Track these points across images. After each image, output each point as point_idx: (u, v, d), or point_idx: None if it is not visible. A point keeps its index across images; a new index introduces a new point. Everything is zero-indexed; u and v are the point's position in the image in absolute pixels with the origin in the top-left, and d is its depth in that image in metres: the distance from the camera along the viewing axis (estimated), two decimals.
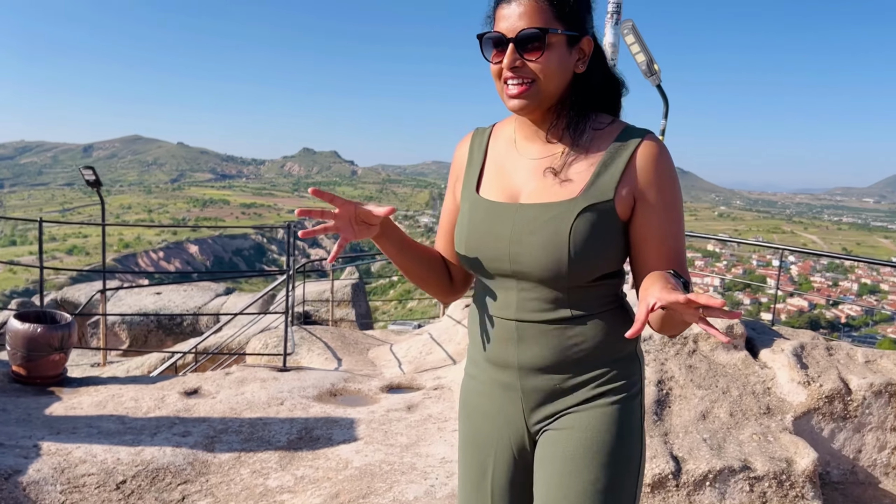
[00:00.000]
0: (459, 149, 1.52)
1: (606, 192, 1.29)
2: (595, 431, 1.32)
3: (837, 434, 3.37)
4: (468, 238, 1.36)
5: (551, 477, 1.33)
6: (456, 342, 5.78)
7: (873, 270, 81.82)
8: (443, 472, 3.31)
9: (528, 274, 1.30)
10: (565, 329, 1.32)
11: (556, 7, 1.28)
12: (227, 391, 4.28)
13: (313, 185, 1.35)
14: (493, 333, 1.37)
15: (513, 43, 1.27)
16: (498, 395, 1.39)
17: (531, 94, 1.29)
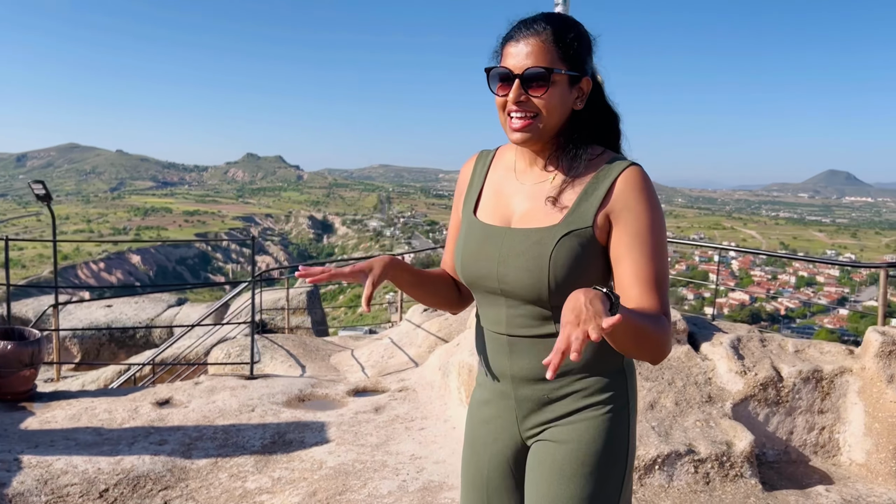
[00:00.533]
0: (464, 169, 1.66)
1: (586, 218, 1.39)
2: (581, 443, 1.43)
3: (771, 418, 3.69)
4: (463, 257, 1.50)
5: (539, 485, 1.45)
6: (417, 345, 5.99)
7: (810, 264, 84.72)
8: (413, 468, 3.52)
9: (513, 293, 1.43)
10: (552, 343, 1.40)
11: (560, 49, 1.39)
12: (198, 400, 4.41)
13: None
14: (490, 346, 1.51)
15: (519, 79, 1.38)
16: (495, 402, 1.53)
17: (533, 127, 1.40)
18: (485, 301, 1.51)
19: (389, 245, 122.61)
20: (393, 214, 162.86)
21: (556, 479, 1.43)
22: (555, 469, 1.43)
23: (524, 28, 1.41)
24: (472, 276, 1.49)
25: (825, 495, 3.29)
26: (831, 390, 3.72)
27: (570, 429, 1.45)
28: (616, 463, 1.45)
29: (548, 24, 1.41)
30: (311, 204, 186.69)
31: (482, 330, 1.54)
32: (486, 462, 1.56)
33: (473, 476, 1.60)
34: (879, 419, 3.53)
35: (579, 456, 1.42)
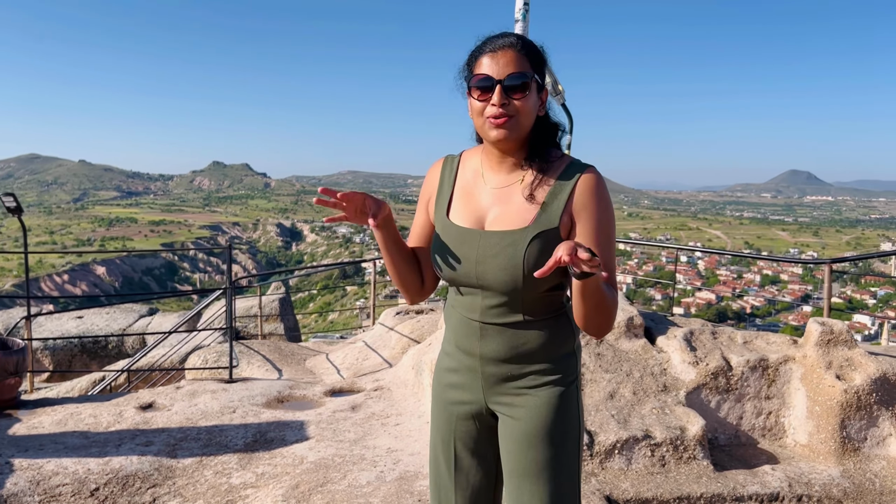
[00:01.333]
0: (431, 172, 1.86)
1: (553, 220, 1.61)
2: (541, 416, 1.67)
3: (722, 404, 3.97)
4: (441, 258, 1.71)
5: (510, 453, 1.71)
6: (390, 347, 6.20)
7: (774, 262, 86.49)
8: (390, 460, 3.73)
9: (490, 287, 1.64)
10: (518, 330, 1.67)
11: (530, 60, 1.61)
12: (180, 403, 4.57)
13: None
14: (463, 329, 1.73)
15: (500, 85, 1.58)
16: (464, 372, 1.77)
17: (511, 126, 1.60)
18: (462, 293, 1.73)
19: (360, 252, 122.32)
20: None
21: (525, 447, 1.68)
22: (522, 440, 1.69)
23: (499, 41, 1.64)
24: (451, 274, 1.71)
25: (771, 474, 3.57)
26: (776, 377, 4.01)
27: (530, 405, 1.70)
28: (572, 429, 1.71)
29: (518, 38, 1.64)
30: (279, 211, 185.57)
31: (456, 315, 1.76)
32: (455, 419, 1.80)
33: (444, 431, 1.83)
34: (820, 403, 3.82)
35: (542, 427, 1.68)
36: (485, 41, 1.67)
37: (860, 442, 3.76)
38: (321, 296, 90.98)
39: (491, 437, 1.83)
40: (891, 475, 3.65)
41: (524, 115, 1.62)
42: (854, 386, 3.75)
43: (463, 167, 1.81)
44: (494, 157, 1.72)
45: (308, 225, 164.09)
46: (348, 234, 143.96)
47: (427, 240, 1.86)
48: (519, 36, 1.66)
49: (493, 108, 1.60)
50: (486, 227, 1.68)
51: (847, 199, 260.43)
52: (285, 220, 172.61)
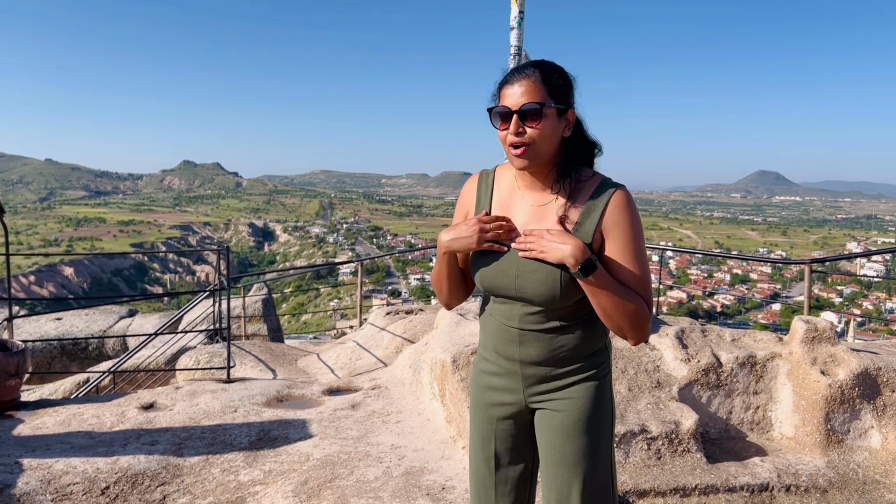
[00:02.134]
0: (468, 187, 1.99)
1: (587, 237, 1.74)
2: (577, 409, 1.82)
3: (713, 400, 4.14)
4: (482, 273, 1.84)
5: (550, 444, 1.85)
6: (383, 347, 6.29)
7: (744, 261, 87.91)
8: (395, 456, 3.84)
9: (529, 299, 1.78)
10: (554, 336, 1.81)
11: (547, 87, 1.71)
12: (182, 403, 4.63)
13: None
14: (502, 335, 1.86)
15: (516, 114, 1.70)
16: (504, 375, 1.89)
17: (530, 154, 1.72)
18: (501, 302, 1.86)
19: (333, 252, 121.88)
20: (336, 220, 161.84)
21: (563, 438, 1.82)
22: (561, 430, 1.83)
23: (517, 73, 1.75)
24: (492, 286, 1.84)
25: (760, 465, 3.74)
26: (764, 373, 4.18)
27: (568, 399, 1.84)
28: (605, 420, 1.86)
29: (536, 68, 1.75)
30: (251, 211, 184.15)
31: (494, 322, 1.89)
32: (496, 419, 1.93)
33: (484, 429, 1.96)
34: (805, 397, 4.00)
35: (580, 418, 1.82)
36: (509, 72, 1.78)
37: (844, 434, 3.94)
38: (294, 296, 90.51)
39: (528, 434, 1.96)
40: (873, 465, 3.83)
41: (541, 141, 1.73)
42: (838, 381, 3.93)
43: (498, 183, 1.92)
44: (527, 176, 1.84)
45: (280, 225, 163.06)
46: (321, 234, 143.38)
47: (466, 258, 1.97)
48: (537, 65, 1.76)
49: (510, 136, 1.72)
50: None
51: (814, 200, 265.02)
52: (257, 220, 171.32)
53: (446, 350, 4.27)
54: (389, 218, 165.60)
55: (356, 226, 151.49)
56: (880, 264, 75.67)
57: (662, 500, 3.49)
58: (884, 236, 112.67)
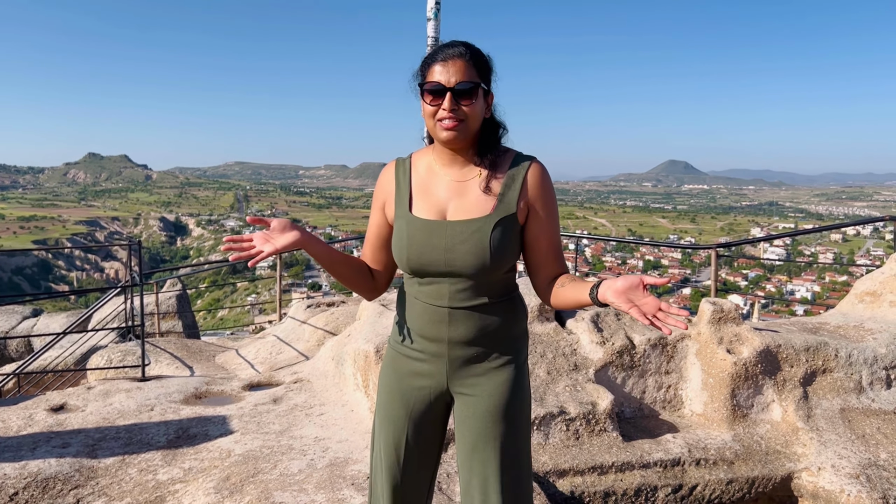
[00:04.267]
0: (385, 175, 2.00)
1: (510, 207, 1.82)
2: (502, 393, 1.87)
3: (627, 380, 4.29)
4: (409, 249, 1.85)
5: (472, 430, 1.87)
6: (305, 340, 6.23)
7: (656, 248, 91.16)
8: (318, 448, 3.82)
9: (459, 273, 1.81)
10: (483, 313, 1.85)
11: (477, 68, 1.79)
12: (94, 403, 4.47)
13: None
14: (429, 317, 1.87)
15: (451, 92, 1.75)
16: (428, 359, 1.91)
17: (461, 129, 1.78)
18: (427, 282, 1.87)
19: None
20: (252, 213, 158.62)
21: (489, 423, 1.86)
22: (486, 416, 1.86)
23: (449, 51, 1.80)
24: (420, 263, 1.85)
25: (672, 441, 3.91)
26: (675, 353, 4.37)
27: (492, 383, 1.88)
28: (526, 405, 1.92)
29: (467, 48, 1.81)
30: (162, 205, 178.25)
31: (419, 305, 1.90)
32: (413, 403, 1.95)
33: (397, 415, 1.96)
34: (713, 375, 4.20)
35: (503, 403, 1.87)
36: (437, 49, 1.83)
37: (748, 409, 4.16)
38: (209, 292, 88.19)
39: (441, 421, 1.99)
40: (774, 437, 4.06)
41: (472, 118, 1.80)
42: (742, 359, 4.15)
43: (415, 167, 1.96)
44: (447, 155, 1.88)
45: (193, 219, 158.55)
46: (236, 227, 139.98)
47: (385, 240, 2.00)
48: (467, 46, 1.82)
49: (444, 112, 1.77)
50: (449, 217, 1.84)
51: (721, 188, 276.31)
52: (169, 213, 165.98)
53: (369, 341, 4.27)
54: (308, 210, 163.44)
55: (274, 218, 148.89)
56: (781, 248, 79.69)
57: (581, 478, 3.61)
58: (784, 222, 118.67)
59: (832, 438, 3.98)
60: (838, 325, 4.94)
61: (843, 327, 4.86)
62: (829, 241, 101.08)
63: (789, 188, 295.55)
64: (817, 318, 5.31)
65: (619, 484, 3.62)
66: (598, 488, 3.58)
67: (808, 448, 3.93)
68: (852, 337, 4.64)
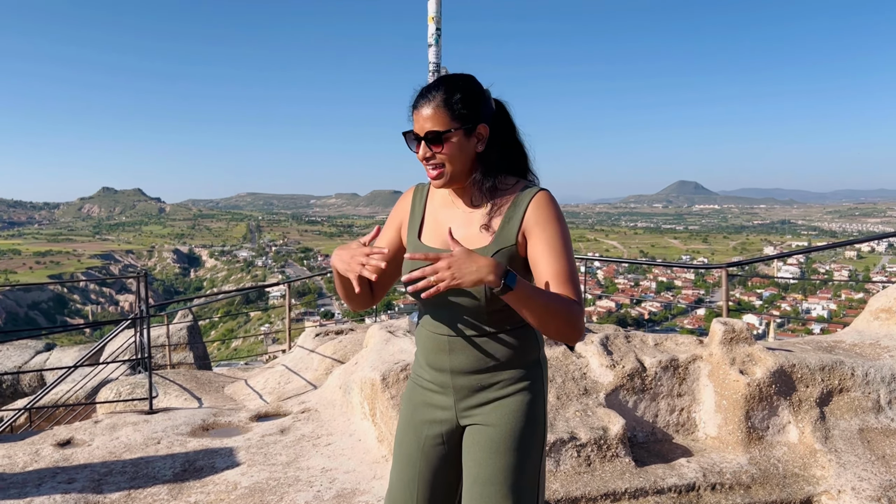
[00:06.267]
0: (404, 199, 2.01)
1: (510, 238, 1.77)
2: (510, 423, 1.78)
3: (639, 404, 4.22)
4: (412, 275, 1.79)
5: (475, 461, 1.80)
6: (313, 369, 6.18)
7: (668, 269, 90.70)
8: (325, 480, 3.76)
9: (457, 303, 1.77)
10: (485, 341, 1.79)
11: (449, 111, 1.75)
12: (101, 438, 4.44)
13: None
14: (432, 345, 1.85)
15: (424, 140, 1.76)
16: (437, 389, 1.87)
17: (443, 174, 1.79)
18: (429, 309, 1.85)
19: (262, 275, 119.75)
20: (264, 243, 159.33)
21: (492, 454, 1.78)
22: (490, 446, 1.79)
23: (422, 97, 1.79)
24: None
25: (687, 466, 3.82)
26: (686, 375, 4.29)
27: (499, 412, 1.80)
28: (536, 437, 1.82)
29: (438, 91, 1.77)
30: (176, 237, 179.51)
31: (425, 332, 1.87)
32: (425, 438, 1.89)
33: (411, 449, 1.91)
34: (726, 396, 4.12)
35: (509, 434, 1.78)
36: (416, 94, 1.81)
37: (763, 431, 4.07)
38: (223, 322, 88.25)
39: (457, 454, 1.91)
40: (792, 459, 3.96)
41: (451, 162, 1.78)
42: (756, 379, 4.07)
43: (432, 195, 1.96)
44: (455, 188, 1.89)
45: (206, 250, 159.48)
46: (249, 257, 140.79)
47: (391, 254, 1.95)
48: (440, 86, 1.79)
49: (422, 160, 1.80)
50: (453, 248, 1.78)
51: (732, 207, 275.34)
52: (182, 245, 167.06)
53: (376, 368, 4.22)
54: (320, 239, 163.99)
55: (285, 248, 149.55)
56: (795, 267, 79.14)
57: None
58: (797, 240, 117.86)
59: (851, 460, 3.88)
60: (854, 343, 4.84)
61: (858, 345, 4.77)
62: (843, 259, 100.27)
63: (801, 206, 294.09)
64: (832, 337, 5.22)
65: None
66: None
67: (827, 470, 3.83)
68: (869, 355, 4.55)
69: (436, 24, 4.69)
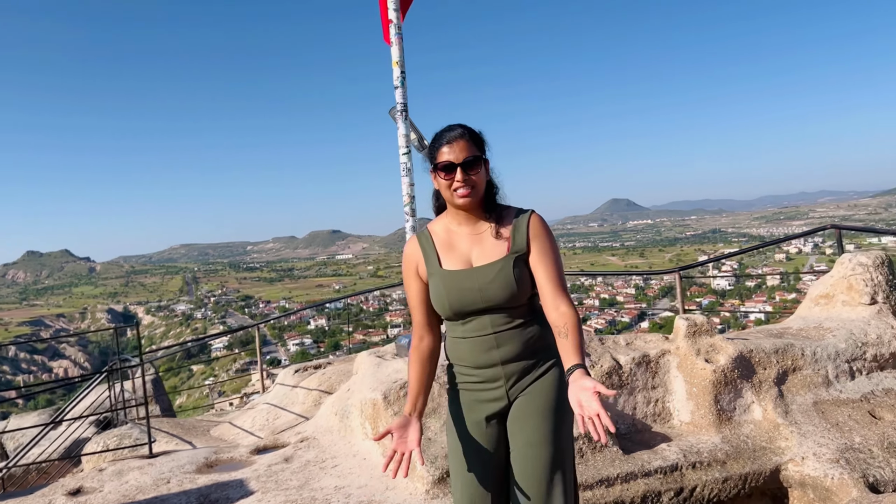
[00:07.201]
0: (410, 246, 2.40)
1: (522, 246, 2.25)
2: (551, 392, 2.23)
3: (618, 399, 4.60)
4: (448, 297, 2.23)
5: (523, 428, 2.22)
6: (300, 403, 6.38)
7: (608, 286, 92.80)
8: (341, 496, 4.01)
9: (496, 305, 2.20)
10: (521, 332, 2.25)
11: (475, 144, 2.24)
12: (111, 483, 4.57)
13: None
14: (479, 347, 2.25)
15: (460, 166, 2.19)
16: (486, 385, 2.27)
17: (474, 195, 2.23)
18: (469, 321, 2.25)
19: (203, 328, 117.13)
20: (202, 294, 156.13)
21: (540, 420, 2.21)
22: (537, 414, 2.21)
23: (450, 134, 2.24)
24: (461, 306, 2.23)
25: (668, 450, 4.21)
26: (658, 369, 4.71)
27: (540, 386, 2.24)
28: (567, 406, 2.25)
29: (460, 129, 2.25)
30: (109, 296, 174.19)
31: (467, 342, 2.27)
32: (484, 419, 2.28)
33: (473, 430, 2.28)
34: (695, 384, 4.54)
35: (552, 402, 2.22)
36: (440, 134, 2.26)
37: (731, 412, 4.50)
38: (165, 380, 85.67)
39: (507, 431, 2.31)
40: (759, 434, 4.40)
41: (480, 184, 2.25)
42: (720, 366, 4.50)
43: (434, 232, 2.38)
44: (461, 216, 2.32)
45: (143, 306, 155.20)
46: (188, 310, 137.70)
47: (428, 300, 2.35)
48: (464, 127, 2.27)
49: (458, 183, 2.20)
50: (474, 264, 2.25)
51: (664, 221, 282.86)
52: (116, 304, 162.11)
53: (375, 389, 4.50)
54: (260, 285, 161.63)
55: (225, 297, 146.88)
56: (729, 274, 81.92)
57: (591, 492, 3.87)
58: (729, 247, 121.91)
59: (810, 430, 4.33)
60: (800, 328, 5.36)
61: (804, 329, 5.28)
62: (774, 262, 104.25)
63: (729, 214, 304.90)
64: (780, 325, 5.73)
65: (626, 493, 3.90)
66: (608, 499, 3.85)
67: (790, 441, 4.28)
68: (814, 337, 5.06)
69: (400, 68, 5.07)
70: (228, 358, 72.05)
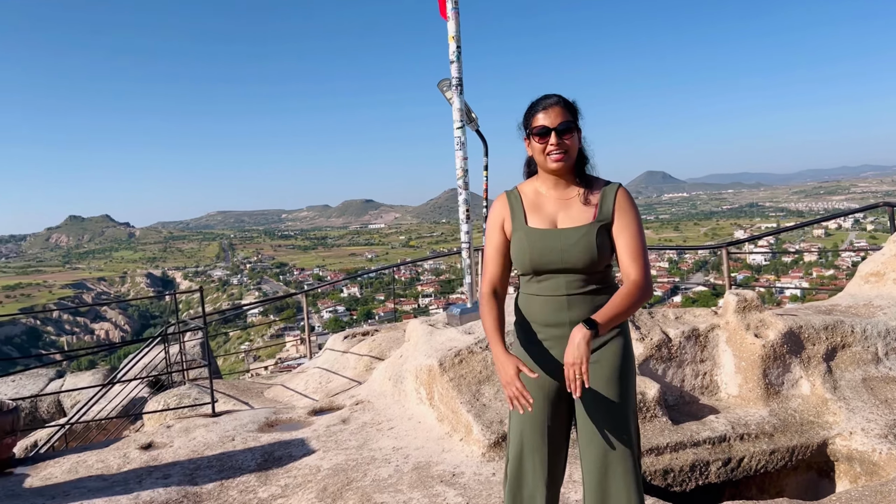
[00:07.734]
0: (499, 202, 2.50)
1: (608, 216, 2.33)
2: (617, 359, 2.32)
3: (668, 371, 4.71)
4: (531, 252, 2.33)
5: (595, 392, 2.30)
6: (351, 367, 6.60)
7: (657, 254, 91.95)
8: (400, 456, 4.20)
9: (573, 267, 2.29)
10: (592, 297, 2.33)
11: (570, 111, 2.32)
12: (179, 439, 4.83)
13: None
14: (550, 306, 2.34)
15: (555, 131, 2.28)
16: (554, 340, 2.35)
17: (566, 158, 2.31)
18: (544, 279, 2.36)
19: (239, 293, 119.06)
20: (238, 261, 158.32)
21: (607, 385, 2.32)
22: (604, 379, 2.32)
23: (547, 100, 2.34)
24: (541, 262, 2.33)
25: (716, 421, 4.32)
26: (707, 343, 4.80)
27: (607, 352, 2.34)
28: (633, 370, 2.38)
29: (556, 97, 2.35)
30: (148, 261, 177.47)
31: (539, 299, 2.37)
32: (553, 371, 2.37)
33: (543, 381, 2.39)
34: (744, 358, 4.63)
35: (618, 367, 2.34)
36: (538, 102, 2.36)
37: (779, 386, 4.59)
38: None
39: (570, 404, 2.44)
40: (806, 409, 4.48)
41: (573, 149, 2.34)
42: (769, 341, 4.58)
43: (524, 192, 2.48)
44: (551, 180, 2.41)
45: (180, 272, 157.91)
46: (224, 276, 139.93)
47: (506, 253, 2.46)
48: (559, 96, 2.37)
49: (552, 147, 2.30)
50: (559, 226, 2.35)
51: (700, 194, 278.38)
52: (155, 269, 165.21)
53: (430, 356, 4.67)
54: (294, 252, 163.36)
55: (260, 264, 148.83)
56: (765, 250, 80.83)
57: (642, 461, 4.01)
58: (766, 222, 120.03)
59: (859, 405, 4.40)
60: (849, 305, 5.39)
61: (854, 307, 5.32)
62: (812, 237, 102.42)
63: (767, 188, 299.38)
64: (829, 301, 5.77)
65: (675, 462, 4.02)
66: (658, 467, 3.98)
67: (839, 416, 4.35)
68: (864, 314, 5.10)
69: (456, 43, 5.15)
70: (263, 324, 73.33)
